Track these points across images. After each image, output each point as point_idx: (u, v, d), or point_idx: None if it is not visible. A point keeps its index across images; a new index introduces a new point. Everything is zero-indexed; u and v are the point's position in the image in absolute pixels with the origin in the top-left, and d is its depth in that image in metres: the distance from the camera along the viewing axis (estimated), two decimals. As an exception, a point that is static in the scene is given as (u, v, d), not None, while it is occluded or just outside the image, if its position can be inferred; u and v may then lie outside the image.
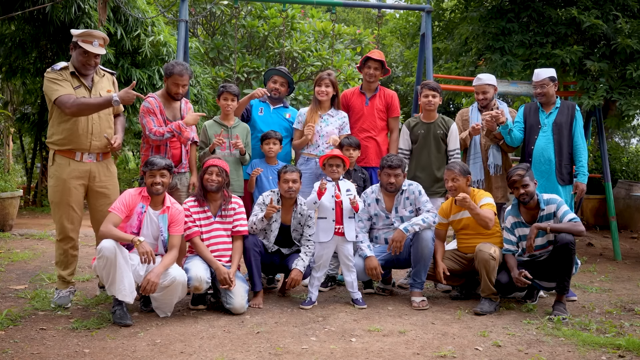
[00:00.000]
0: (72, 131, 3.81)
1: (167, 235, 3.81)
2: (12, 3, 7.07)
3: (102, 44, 3.87)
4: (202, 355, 3.02)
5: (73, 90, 3.78)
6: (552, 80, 4.63)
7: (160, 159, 3.81)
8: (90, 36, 3.83)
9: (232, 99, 4.50)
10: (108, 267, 3.49)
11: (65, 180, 3.84)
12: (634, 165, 9.82)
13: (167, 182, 3.78)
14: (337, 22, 9.44)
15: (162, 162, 3.77)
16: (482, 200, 4.17)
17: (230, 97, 4.50)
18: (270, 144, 4.56)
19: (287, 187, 4.10)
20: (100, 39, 3.85)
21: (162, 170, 3.74)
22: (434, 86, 4.71)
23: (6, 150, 11.70)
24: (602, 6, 6.46)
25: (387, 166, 4.26)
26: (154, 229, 3.78)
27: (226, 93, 4.50)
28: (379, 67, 4.80)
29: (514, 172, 4.04)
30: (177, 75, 4.18)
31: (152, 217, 3.77)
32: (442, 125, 4.72)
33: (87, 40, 3.81)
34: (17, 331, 3.34)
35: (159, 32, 8.11)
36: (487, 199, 4.19)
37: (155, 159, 3.78)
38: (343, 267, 4.19)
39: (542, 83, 4.61)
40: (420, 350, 3.17)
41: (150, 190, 3.75)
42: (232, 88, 4.51)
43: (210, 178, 3.96)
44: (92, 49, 3.79)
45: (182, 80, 4.20)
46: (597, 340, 3.33)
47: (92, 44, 3.80)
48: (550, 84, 4.62)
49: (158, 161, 3.76)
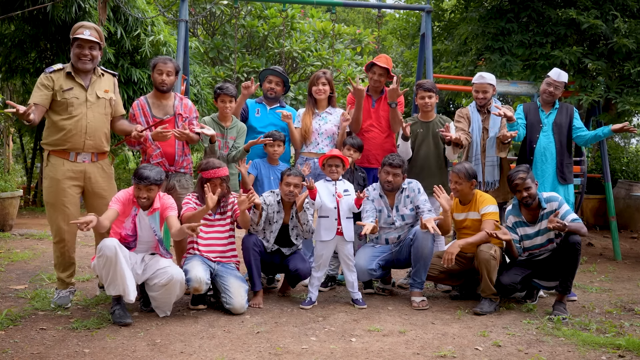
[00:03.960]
0: (65, 131, 3.81)
1: (161, 234, 3.80)
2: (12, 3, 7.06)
3: (95, 35, 3.86)
4: (202, 355, 3.02)
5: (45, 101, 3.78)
6: (565, 86, 4.76)
7: (149, 170, 3.68)
8: (82, 27, 3.87)
9: (229, 100, 4.49)
10: (108, 266, 3.48)
11: (60, 181, 3.83)
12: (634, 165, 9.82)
13: (153, 196, 3.72)
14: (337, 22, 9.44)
15: (151, 175, 3.64)
16: (486, 208, 4.17)
17: (228, 98, 4.48)
18: (275, 146, 4.54)
19: (287, 190, 4.09)
20: (91, 29, 3.86)
21: (149, 186, 3.66)
22: (429, 87, 4.71)
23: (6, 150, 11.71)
24: (601, 6, 6.47)
25: (388, 164, 4.26)
26: (147, 229, 3.77)
27: (223, 95, 4.48)
28: (384, 73, 4.79)
29: (515, 176, 4.03)
30: (160, 62, 4.19)
31: (143, 218, 3.76)
32: (440, 124, 4.72)
33: (79, 32, 3.84)
34: (17, 331, 3.34)
35: (158, 31, 8.11)
36: (491, 207, 4.18)
37: (144, 172, 3.65)
38: (343, 266, 4.19)
39: (558, 84, 4.66)
40: (420, 350, 3.17)
41: (137, 201, 3.73)
42: (229, 90, 4.49)
43: (216, 190, 3.94)
44: (83, 36, 3.81)
45: (165, 67, 4.17)
46: (597, 340, 3.33)
47: (84, 33, 3.82)
48: (562, 88, 4.72)
49: (146, 174, 3.63)
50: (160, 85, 4.20)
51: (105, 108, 3.97)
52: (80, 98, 3.84)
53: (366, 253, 4.34)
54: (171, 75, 4.21)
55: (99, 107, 3.92)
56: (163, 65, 4.19)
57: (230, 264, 4.09)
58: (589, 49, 6.72)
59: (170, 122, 4.23)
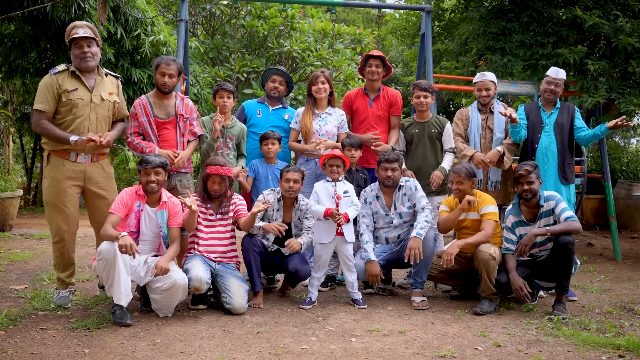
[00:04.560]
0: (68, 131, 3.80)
1: (166, 231, 3.81)
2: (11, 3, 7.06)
3: (89, 32, 3.85)
4: (202, 355, 3.02)
5: (51, 108, 3.78)
6: (564, 83, 4.73)
7: (154, 157, 3.80)
8: (75, 27, 3.87)
9: (227, 96, 4.49)
10: (107, 269, 3.50)
11: (60, 181, 3.83)
12: (634, 165, 9.82)
13: (162, 180, 3.78)
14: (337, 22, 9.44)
15: (157, 160, 3.77)
16: (486, 208, 4.16)
17: (226, 94, 4.49)
18: (269, 144, 4.55)
19: (287, 186, 4.10)
20: (84, 27, 3.86)
21: (156, 168, 3.73)
22: (425, 86, 4.71)
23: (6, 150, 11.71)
24: (603, 6, 6.46)
25: (384, 160, 4.26)
26: (153, 226, 3.78)
27: (221, 90, 4.49)
28: (380, 64, 4.78)
29: (521, 167, 4.04)
30: (163, 64, 4.18)
31: (150, 215, 3.78)
32: (436, 125, 4.73)
33: (73, 32, 3.84)
34: (17, 331, 3.33)
35: (158, 31, 8.11)
36: (491, 207, 4.17)
37: (150, 157, 3.78)
38: (343, 267, 4.19)
39: (558, 82, 4.65)
40: (420, 350, 3.16)
41: (146, 189, 3.76)
42: (227, 85, 4.51)
43: (213, 187, 3.99)
44: (78, 34, 3.81)
45: (168, 69, 4.17)
46: (597, 340, 3.33)
47: (78, 32, 3.82)
48: (562, 86, 4.70)
49: (152, 159, 3.75)
50: (162, 87, 4.20)
51: (109, 110, 3.98)
52: (85, 99, 3.84)
53: (366, 253, 4.33)
54: (173, 77, 4.21)
55: (103, 109, 3.93)
56: (166, 67, 4.18)
57: (231, 264, 4.09)
58: (590, 50, 6.72)
59: (172, 123, 4.24)
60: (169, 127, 4.23)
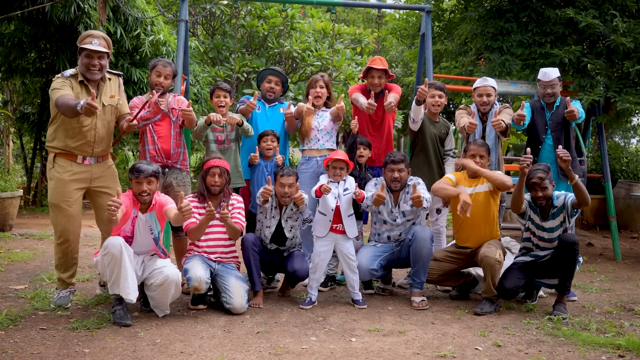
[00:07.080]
0: (74, 139, 3.82)
1: (157, 232, 3.78)
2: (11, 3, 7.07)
3: (103, 44, 3.86)
4: (202, 355, 3.02)
5: (71, 92, 3.77)
6: (560, 79, 4.67)
7: (146, 164, 3.72)
8: (90, 36, 3.85)
9: (224, 94, 4.51)
10: (112, 264, 3.48)
11: (66, 183, 3.83)
12: (634, 165, 9.81)
13: (154, 189, 3.73)
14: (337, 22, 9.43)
15: (149, 168, 3.68)
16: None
17: (223, 92, 4.51)
18: (268, 141, 4.55)
19: (282, 192, 4.09)
20: (100, 38, 3.85)
21: (149, 178, 3.67)
22: (440, 86, 4.71)
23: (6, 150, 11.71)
24: (600, 6, 6.47)
25: (391, 161, 4.25)
26: (146, 232, 3.75)
27: (218, 90, 4.52)
28: (383, 75, 4.77)
29: (534, 174, 3.97)
30: (160, 65, 4.26)
31: (142, 220, 3.74)
32: (444, 127, 4.81)
33: (87, 41, 3.82)
34: (17, 331, 3.33)
35: (158, 31, 8.11)
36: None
37: (142, 165, 3.69)
38: (344, 266, 4.18)
39: (553, 83, 4.61)
40: (420, 350, 3.17)
41: (138, 198, 3.72)
42: (223, 84, 4.55)
43: (213, 180, 3.97)
44: (92, 46, 3.80)
45: (164, 70, 4.24)
46: (597, 340, 3.33)
47: (92, 43, 3.81)
48: (559, 84, 4.65)
49: (144, 168, 3.67)
50: (157, 87, 4.25)
51: (112, 114, 4.00)
52: None
53: (368, 253, 4.33)
54: (168, 79, 4.29)
55: (106, 114, 3.95)
56: (162, 68, 4.25)
57: (231, 264, 4.09)
58: (588, 49, 6.72)
59: (166, 120, 4.29)
60: (162, 125, 4.31)
